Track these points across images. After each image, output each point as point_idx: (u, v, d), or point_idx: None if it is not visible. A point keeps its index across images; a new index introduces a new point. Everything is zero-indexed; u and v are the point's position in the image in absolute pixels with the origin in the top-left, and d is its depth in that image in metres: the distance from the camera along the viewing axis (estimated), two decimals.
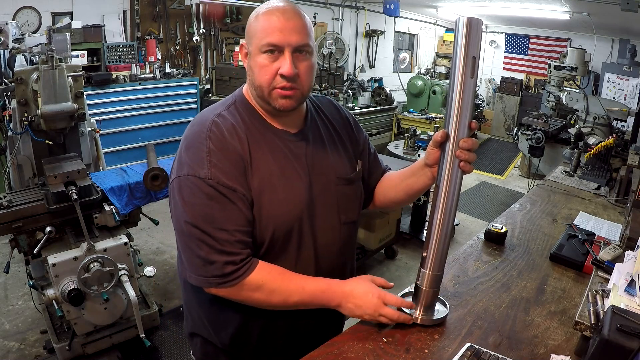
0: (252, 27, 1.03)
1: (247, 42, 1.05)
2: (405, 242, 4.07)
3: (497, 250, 1.62)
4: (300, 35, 1.00)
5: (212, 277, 0.99)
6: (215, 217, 0.98)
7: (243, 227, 1.00)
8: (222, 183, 0.98)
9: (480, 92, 8.90)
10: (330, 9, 7.30)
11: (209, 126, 1.02)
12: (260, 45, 0.99)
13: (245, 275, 0.99)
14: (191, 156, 1.01)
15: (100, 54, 4.59)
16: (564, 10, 6.21)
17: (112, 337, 2.27)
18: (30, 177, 2.40)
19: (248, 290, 1.01)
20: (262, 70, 1.01)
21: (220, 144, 1.00)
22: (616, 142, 2.57)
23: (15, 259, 2.38)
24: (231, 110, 1.07)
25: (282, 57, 0.99)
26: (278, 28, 0.98)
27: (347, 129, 1.25)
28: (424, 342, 1.10)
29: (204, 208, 0.98)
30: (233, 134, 1.02)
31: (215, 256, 0.97)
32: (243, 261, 1.00)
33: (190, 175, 0.98)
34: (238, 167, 1.00)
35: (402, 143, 4.05)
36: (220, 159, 0.99)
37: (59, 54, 2.16)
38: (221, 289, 1.01)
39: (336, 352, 1.04)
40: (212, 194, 0.97)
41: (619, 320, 0.88)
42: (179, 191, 1.01)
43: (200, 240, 0.97)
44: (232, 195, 0.99)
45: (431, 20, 9.40)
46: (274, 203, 1.03)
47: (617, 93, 6.82)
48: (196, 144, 1.01)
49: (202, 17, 5.59)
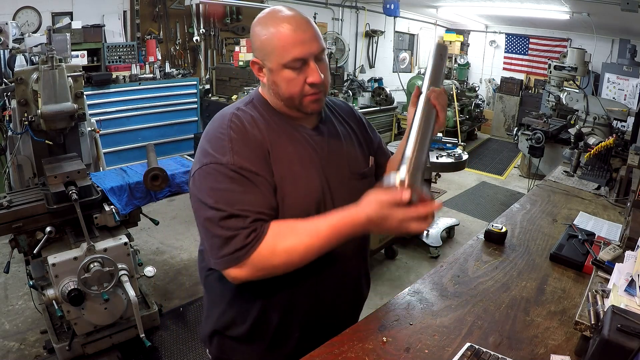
0: (266, 43, 1.03)
1: (261, 58, 1.06)
2: (405, 242, 4.06)
3: (497, 250, 1.62)
4: (318, 43, 1.04)
5: (234, 253, 0.97)
6: (239, 200, 0.98)
7: (264, 209, 1.00)
8: (245, 168, 1.00)
9: (480, 92, 8.90)
10: (330, 9, 7.30)
11: (229, 118, 1.06)
12: (284, 61, 1.01)
13: (262, 237, 0.97)
14: (213, 146, 1.03)
15: (100, 54, 4.59)
16: (564, 10, 6.21)
17: (112, 337, 2.27)
18: (30, 177, 2.40)
19: (265, 258, 0.97)
20: (290, 84, 1.04)
21: (241, 133, 1.03)
22: (616, 142, 2.57)
23: (15, 259, 2.38)
24: (249, 107, 1.11)
25: (307, 68, 1.03)
26: (299, 41, 1.01)
27: (361, 129, 1.30)
28: (424, 342, 1.10)
29: (226, 193, 0.98)
30: (253, 125, 1.06)
31: (239, 231, 0.97)
32: (263, 227, 0.99)
33: (213, 163, 1.00)
34: (260, 154, 1.03)
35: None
36: (242, 146, 1.02)
37: (59, 54, 2.16)
38: (244, 268, 0.98)
39: (336, 352, 1.04)
40: (235, 177, 0.99)
41: (619, 320, 0.89)
42: (202, 179, 1.02)
43: (224, 219, 0.97)
44: (256, 178, 1.00)
45: (431, 20, 9.39)
46: (295, 190, 1.06)
47: (617, 93, 6.82)
48: (218, 134, 1.04)
49: (202, 17, 5.59)
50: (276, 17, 1.04)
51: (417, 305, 1.26)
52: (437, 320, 1.20)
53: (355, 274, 1.26)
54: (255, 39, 1.06)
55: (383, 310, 1.24)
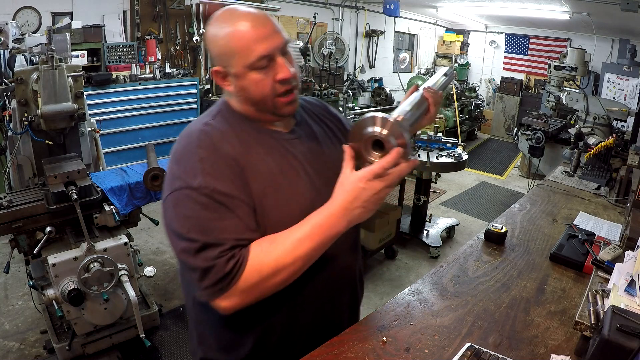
0: (226, 47, 0.95)
1: (223, 65, 0.98)
2: (405, 242, 4.07)
3: (497, 250, 1.62)
4: (281, 35, 0.97)
5: (217, 284, 0.89)
6: (214, 227, 0.90)
7: (244, 235, 0.92)
8: (218, 190, 0.91)
9: (480, 92, 8.90)
10: (330, 9, 7.30)
11: (197, 135, 0.97)
12: (248, 62, 0.94)
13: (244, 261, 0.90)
14: (182, 168, 0.94)
15: (100, 54, 4.59)
16: (564, 10, 6.21)
17: (112, 337, 2.27)
18: (30, 177, 2.40)
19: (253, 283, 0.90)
20: (259, 86, 0.96)
21: (212, 151, 0.95)
22: (616, 142, 2.57)
23: (15, 259, 2.38)
24: (218, 119, 1.02)
25: (274, 64, 0.96)
26: (261, 37, 0.93)
27: (338, 126, 1.23)
28: (424, 342, 1.10)
29: (200, 220, 0.90)
30: (224, 140, 0.97)
31: (216, 260, 0.89)
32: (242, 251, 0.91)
33: (183, 188, 0.92)
34: (234, 172, 0.94)
35: None
36: (214, 165, 0.93)
37: (59, 54, 2.16)
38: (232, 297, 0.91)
39: (336, 352, 1.04)
40: (208, 204, 0.90)
41: (619, 320, 0.89)
42: (173, 208, 0.93)
43: (200, 250, 0.89)
44: (231, 202, 0.92)
45: (431, 20, 9.40)
46: (280, 203, 0.98)
47: (617, 93, 6.81)
48: (186, 154, 0.96)
49: (202, 17, 5.58)
50: (230, 17, 0.96)
51: (417, 305, 1.26)
52: (437, 320, 1.20)
53: (350, 272, 1.20)
54: (212, 46, 0.98)
55: (383, 310, 1.24)
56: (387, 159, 0.88)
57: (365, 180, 0.89)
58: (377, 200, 0.91)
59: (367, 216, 0.93)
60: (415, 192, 4.08)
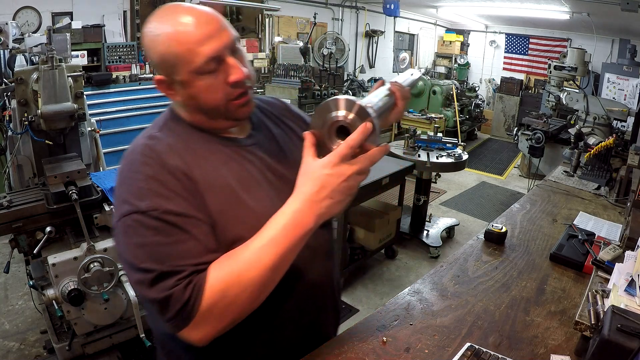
0: (167, 52, 0.84)
1: (166, 73, 0.87)
2: (405, 242, 4.07)
3: (497, 250, 1.62)
4: (229, 32, 0.86)
5: (179, 314, 0.78)
6: (169, 254, 0.79)
7: (203, 259, 0.81)
8: (169, 211, 0.80)
9: (480, 92, 8.91)
10: (330, 9, 7.30)
11: (141, 151, 0.87)
12: (195, 67, 0.83)
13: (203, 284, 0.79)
14: (128, 189, 0.84)
15: (100, 54, 4.59)
16: (564, 10, 6.21)
17: (112, 337, 2.27)
18: (30, 177, 2.40)
19: (219, 306, 0.79)
20: (210, 92, 0.86)
21: (158, 167, 0.84)
22: (616, 142, 2.57)
23: (15, 259, 2.38)
24: (164, 131, 0.92)
25: (224, 66, 0.85)
26: (206, 36, 0.83)
27: (300, 125, 1.12)
28: (424, 342, 1.10)
29: (153, 248, 0.80)
30: (171, 153, 0.86)
31: (173, 289, 0.78)
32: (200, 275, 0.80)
33: (132, 213, 0.81)
34: (186, 188, 0.84)
35: (402, 143, 4.05)
36: (162, 183, 0.82)
37: (59, 54, 2.16)
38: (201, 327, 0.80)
39: (336, 352, 1.04)
40: (160, 228, 0.80)
41: (619, 320, 0.89)
42: (123, 236, 0.83)
43: (155, 280, 0.79)
44: (185, 223, 0.81)
45: (431, 20, 9.40)
46: (241, 219, 0.87)
47: (617, 93, 6.82)
48: (130, 173, 0.85)
49: None
50: (169, 15, 0.84)
51: (417, 305, 1.26)
52: (437, 320, 1.20)
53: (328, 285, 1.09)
54: (152, 53, 0.86)
55: (383, 310, 1.24)
56: (352, 136, 0.77)
57: (331, 165, 0.77)
58: (347, 190, 0.79)
59: (337, 209, 0.81)
60: (415, 192, 4.09)
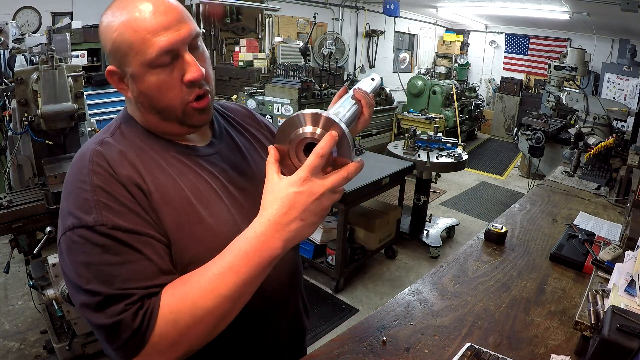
0: (119, 40, 0.76)
1: (117, 63, 0.79)
2: (405, 242, 4.07)
3: (497, 250, 1.62)
4: (189, 26, 0.79)
5: (127, 343, 0.70)
6: (118, 275, 0.71)
7: (156, 281, 0.73)
8: (119, 227, 0.72)
9: (480, 92, 8.91)
10: (330, 9, 7.30)
11: (89, 158, 0.78)
12: (147, 59, 0.75)
13: (155, 312, 0.71)
14: (74, 201, 0.75)
15: (101, 54, 4.59)
16: (564, 10, 6.21)
17: None
18: (30, 177, 2.40)
19: (171, 336, 0.71)
20: (163, 89, 0.78)
21: (108, 177, 0.75)
22: (616, 142, 2.57)
23: (15, 259, 2.38)
24: (116, 136, 0.84)
25: (179, 62, 0.78)
26: (162, 27, 0.75)
27: (265, 135, 1.05)
28: (424, 342, 1.10)
29: (100, 268, 0.71)
30: (123, 162, 0.78)
31: (122, 315, 0.70)
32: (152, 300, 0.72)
33: (77, 227, 0.73)
34: (138, 202, 0.76)
35: (402, 143, 4.05)
36: (112, 195, 0.74)
37: (59, 54, 2.16)
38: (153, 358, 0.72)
39: (336, 352, 1.04)
40: (107, 245, 0.72)
41: (619, 320, 0.89)
42: (67, 253, 0.74)
43: (102, 304, 0.70)
44: (137, 241, 0.73)
45: (431, 20, 9.41)
46: (198, 237, 0.80)
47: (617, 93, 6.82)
48: (78, 184, 0.76)
49: (202, 17, 5.58)
50: (127, 3, 0.77)
51: (417, 305, 1.26)
52: (437, 320, 1.20)
53: (294, 307, 1.03)
54: (106, 40, 0.78)
55: (383, 310, 1.24)
56: (321, 144, 0.68)
57: (301, 181, 0.68)
58: (320, 210, 0.70)
59: (309, 232, 0.72)
60: (415, 192, 4.09)
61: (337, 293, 3.24)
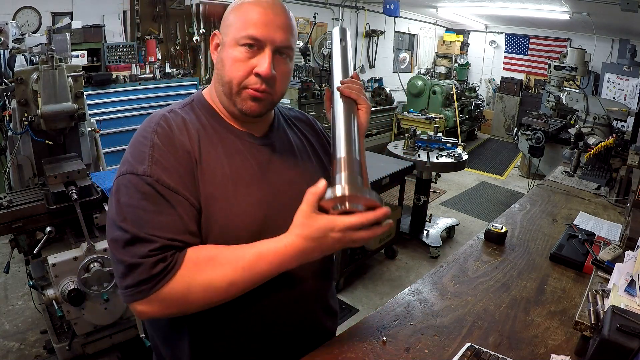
0: (231, 16, 0.91)
1: (221, 32, 0.93)
2: (405, 242, 4.06)
3: (497, 250, 1.62)
4: (285, 35, 0.90)
5: (138, 285, 0.80)
6: (149, 221, 0.81)
7: (179, 237, 0.82)
8: (162, 182, 0.83)
9: (480, 92, 8.91)
10: (330, 9, 7.29)
11: (157, 120, 0.90)
12: (238, 36, 0.88)
13: (175, 268, 0.81)
14: (133, 152, 0.87)
15: (100, 54, 4.59)
16: (564, 10, 6.21)
17: (112, 337, 2.27)
18: (30, 177, 2.40)
19: (178, 295, 0.81)
20: (235, 65, 0.89)
21: (166, 139, 0.87)
22: (616, 142, 2.57)
23: (15, 259, 2.38)
24: (186, 109, 0.96)
25: (261, 55, 0.88)
26: (263, 21, 0.87)
27: (321, 143, 1.13)
28: (424, 342, 1.10)
29: (136, 211, 0.81)
30: (183, 130, 0.89)
31: (143, 259, 0.79)
32: (174, 255, 0.82)
33: (128, 174, 0.84)
34: (185, 167, 0.86)
35: (402, 143, 4.05)
36: (165, 154, 0.85)
37: (59, 54, 2.16)
38: (151, 304, 0.82)
39: (336, 352, 1.04)
40: (149, 193, 0.82)
41: (619, 320, 0.89)
42: (114, 193, 0.85)
43: (128, 243, 0.80)
44: (173, 197, 0.83)
45: (431, 20, 9.40)
46: (227, 212, 0.88)
47: (617, 93, 6.82)
48: (140, 139, 0.88)
49: (202, 17, 5.58)
50: None
51: (417, 305, 1.26)
52: (437, 320, 1.20)
53: (310, 301, 1.04)
54: (226, 13, 0.94)
55: (383, 310, 1.24)
56: (369, 216, 0.78)
57: (336, 229, 0.78)
58: (336, 249, 0.83)
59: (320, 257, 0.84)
60: (415, 192, 4.09)
61: (337, 293, 3.24)
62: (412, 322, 1.18)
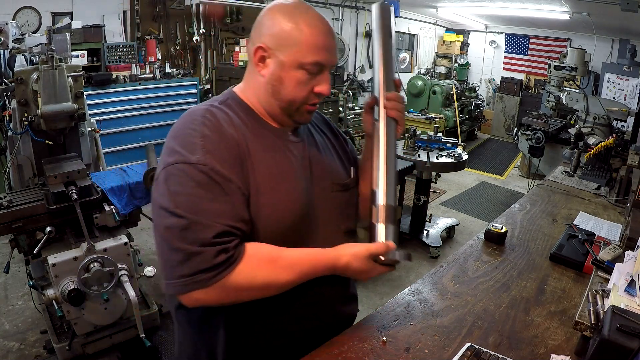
0: (289, 34, 0.92)
1: (275, 47, 0.93)
2: (405, 242, 4.06)
3: (497, 250, 1.62)
4: (336, 57, 1.00)
5: (198, 274, 0.82)
6: (205, 208, 0.83)
7: (236, 224, 0.86)
8: (217, 170, 0.85)
9: (480, 92, 8.91)
10: (330, 9, 7.29)
11: (202, 114, 0.93)
12: (304, 61, 0.92)
13: (237, 260, 0.85)
14: (181, 142, 0.88)
15: (100, 54, 4.59)
16: (564, 10, 6.20)
17: (112, 337, 2.27)
18: (30, 177, 2.40)
19: (240, 287, 0.87)
20: (298, 87, 0.94)
21: (216, 130, 0.90)
22: (616, 142, 2.57)
23: (15, 259, 2.38)
24: (224, 106, 0.98)
25: (320, 76, 0.96)
26: (326, 47, 0.94)
27: (337, 139, 1.22)
28: (424, 342, 1.10)
29: (191, 197, 0.83)
30: (230, 124, 0.93)
31: (205, 247, 0.82)
32: (237, 247, 0.86)
33: (180, 163, 0.85)
34: (236, 157, 0.89)
35: (402, 143, 4.05)
36: (216, 145, 0.88)
37: (59, 54, 2.16)
38: (211, 291, 0.84)
39: (336, 352, 1.04)
40: (203, 181, 0.84)
41: (619, 320, 0.89)
42: (165, 182, 0.86)
43: (185, 229, 0.81)
44: (227, 185, 0.86)
45: (431, 20, 9.40)
46: (272, 204, 0.93)
47: (617, 93, 6.82)
48: (187, 130, 0.90)
49: (202, 17, 5.58)
50: (306, 13, 0.94)
51: (417, 305, 1.26)
52: (437, 320, 1.20)
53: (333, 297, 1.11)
54: (273, 25, 0.93)
55: (383, 310, 1.24)
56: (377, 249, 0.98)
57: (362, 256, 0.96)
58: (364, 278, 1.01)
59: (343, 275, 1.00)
60: (415, 192, 4.08)
61: None
62: (412, 322, 1.18)
